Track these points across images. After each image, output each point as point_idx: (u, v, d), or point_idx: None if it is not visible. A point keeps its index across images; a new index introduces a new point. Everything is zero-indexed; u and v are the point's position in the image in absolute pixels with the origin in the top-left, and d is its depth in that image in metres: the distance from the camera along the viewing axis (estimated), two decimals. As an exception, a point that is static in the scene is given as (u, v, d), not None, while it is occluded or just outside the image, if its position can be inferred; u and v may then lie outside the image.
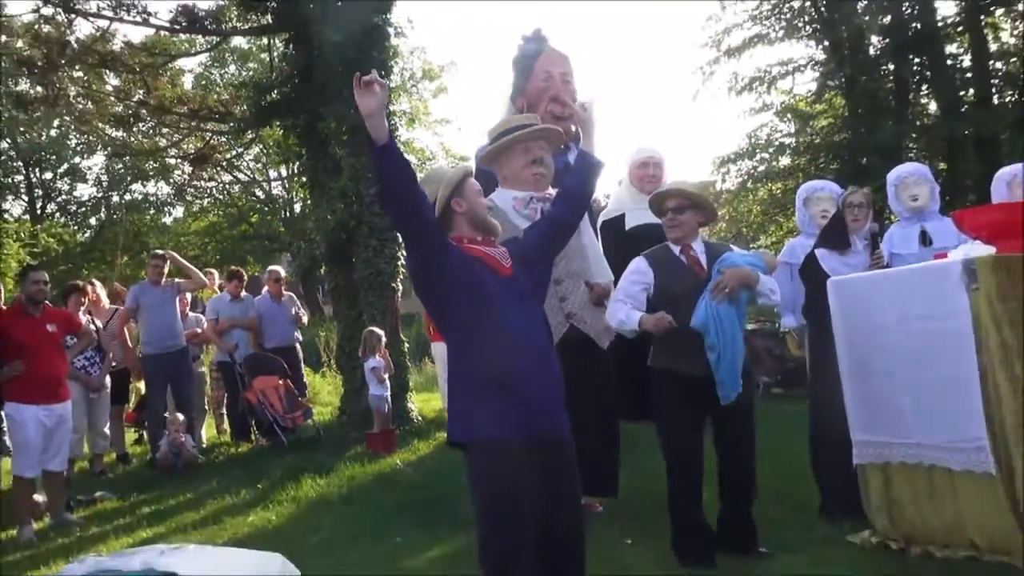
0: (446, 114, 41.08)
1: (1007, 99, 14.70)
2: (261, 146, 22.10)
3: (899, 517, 4.30)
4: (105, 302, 9.72)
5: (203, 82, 24.89)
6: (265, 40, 13.36)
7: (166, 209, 30.51)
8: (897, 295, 4.22)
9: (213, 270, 12.25)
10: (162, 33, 11.63)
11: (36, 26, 10.71)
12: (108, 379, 8.61)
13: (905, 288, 4.21)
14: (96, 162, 29.75)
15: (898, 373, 4.18)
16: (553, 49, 6.41)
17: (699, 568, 4.16)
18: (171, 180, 27.84)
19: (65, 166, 29.94)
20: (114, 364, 8.88)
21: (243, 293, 10.09)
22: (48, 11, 10.38)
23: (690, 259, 4.34)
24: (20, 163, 29.29)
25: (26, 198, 30.16)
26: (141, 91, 11.57)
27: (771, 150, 17.12)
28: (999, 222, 4.23)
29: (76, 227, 30.03)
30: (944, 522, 4.09)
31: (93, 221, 31.18)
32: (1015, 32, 15.29)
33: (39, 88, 11.75)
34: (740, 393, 4.22)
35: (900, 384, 4.18)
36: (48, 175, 30.62)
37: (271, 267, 11.41)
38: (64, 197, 31.42)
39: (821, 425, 5.01)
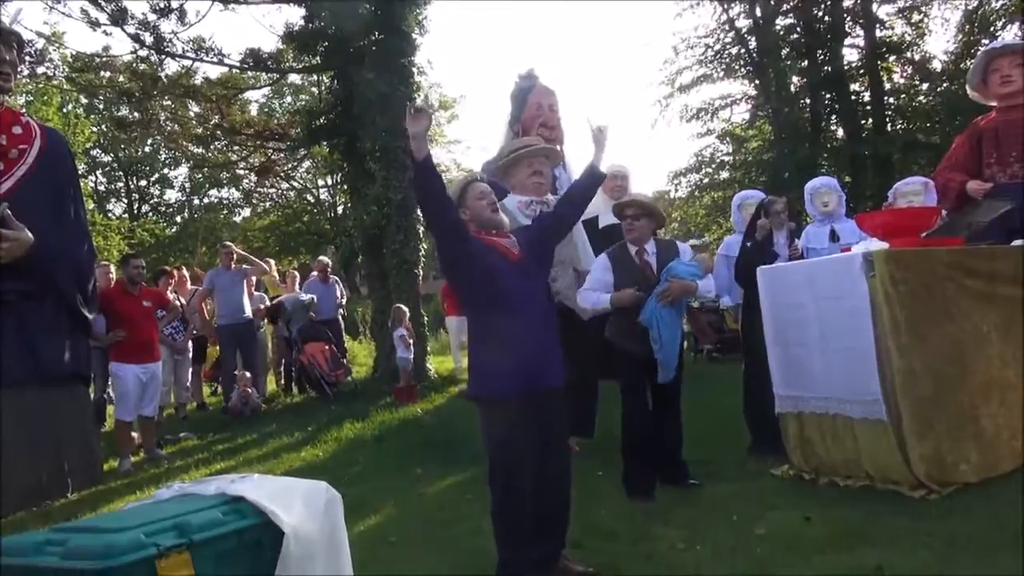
0: (458, 136, 40.81)
1: (898, 127, 14.73)
2: (311, 160, 21.96)
3: (810, 454, 4.30)
4: (188, 284, 9.69)
5: (266, 109, 24.73)
6: (315, 76, 13.28)
7: (236, 210, 30.45)
8: (811, 280, 4.21)
9: (271, 260, 12.22)
10: (233, 70, 11.51)
11: (133, 64, 10.63)
12: (190, 344, 8.59)
13: (817, 275, 4.20)
14: (181, 172, 29.62)
15: (811, 341, 4.17)
16: (543, 84, 6.41)
17: (641, 498, 4.18)
18: (240, 187, 27.72)
19: (156, 175, 29.83)
20: (195, 332, 8.86)
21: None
22: (143, 52, 10.30)
23: (642, 262, 4.34)
24: (121, 173, 29.17)
25: (125, 201, 30.06)
26: (216, 116, 11.49)
27: (713, 166, 17.16)
28: (890, 223, 4.25)
29: (165, 224, 29.89)
30: (845, 458, 4.09)
31: (178, 219, 31.08)
32: (904, 74, 15.32)
33: (135, 114, 11.68)
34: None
35: (812, 350, 4.17)
36: (143, 182, 30.49)
37: (320, 257, 11.39)
38: (155, 200, 31.32)
39: (752, 381, 5.02)
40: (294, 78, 23.30)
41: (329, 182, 26.35)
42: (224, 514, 2.28)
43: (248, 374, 8.63)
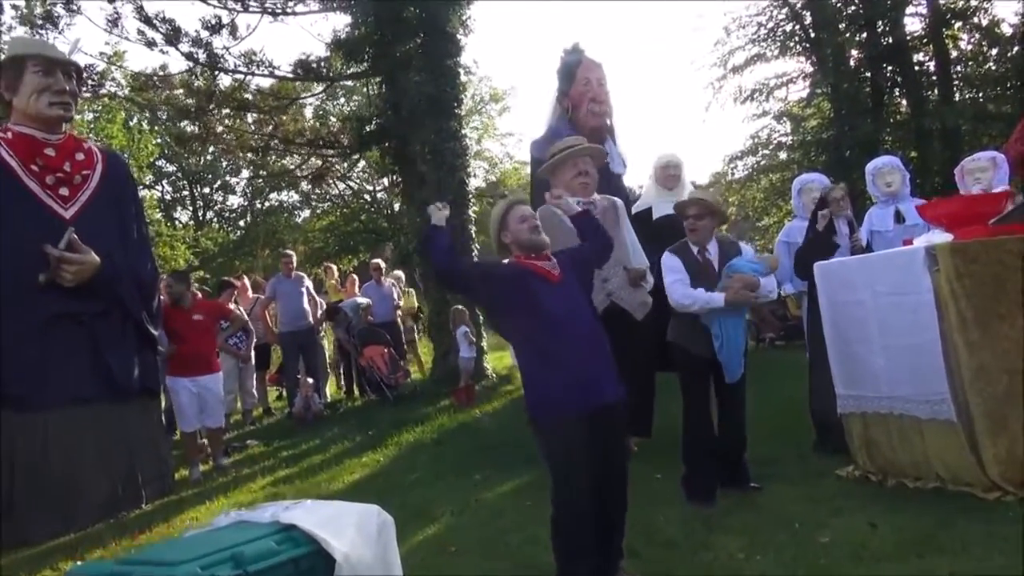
0: (509, 128, 40.78)
1: (966, 97, 14.09)
2: (365, 163, 22.25)
3: (876, 455, 4.18)
4: (249, 291, 9.94)
5: (320, 112, 25.13)
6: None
7: (296, 212, 31.08)
8: (871, 276, 4.06)
9: (332, 265, 12.46)
10: (285, 81, 11.71)
11: (189, 81, 10.93)
12: (253, 352, 8.81)
13: (877, 270, 4.06)
14: (242, 177, 30.36)
15: (872, 339, 4.04)
16: (589, 58, 6.40)
17: (701, 503, 4.11)
18: (299, 190, 28.26)
19: (219, 182, 30.65)
20: (257, 340, 9.08)
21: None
22: (198, 69, 10.57)
23: (704, 260, 4.25)
24: (185, 182, 30.09)
25: (191, 208, 30.98)
26: (270, 127, 11.72)
27: (770, 147, 16.72)
28: (954, 213, 4.07)
29: (229, 228, 30.71)
30: (914, 459, 3.95)
31: (241, 223, 31.87)
32: (971, 41, 14.63)
33: (194, 128, 12.02)
34: None
35: (874, 348, 4.04)
36: (206, 190, 31.38)
37: (374, 259, 11.53)
38: (219, 206, 32.20)
39: (817, 379, 4.87)
40: (346, 82, 23.67)
41: (385, 183, 26.61)
42: (278, 543, 2.33)
43: (311, 380, 8.81)
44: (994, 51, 14.33)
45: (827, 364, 4.45)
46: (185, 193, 30.83)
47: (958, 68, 14.53)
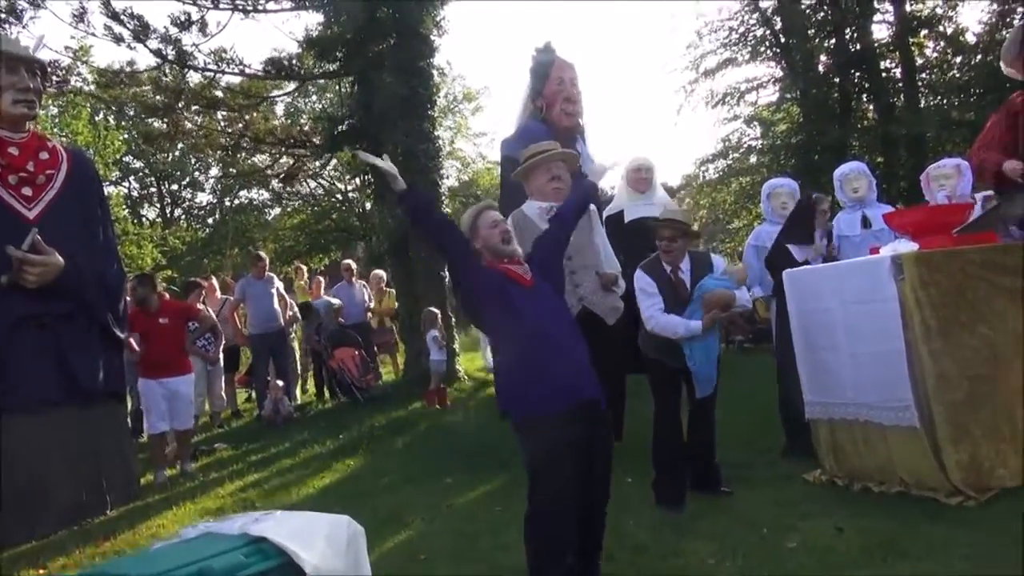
0: (483, 128, 40.69)
1: (931, 104, 14.35)
2: (336, 162, 22.11)
3: (843, 460, 4.24)
4: (218, 292, 9.82)
5: (291, 110, 24.92)
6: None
7: (266, 210, 30.74)
8: (838, 284, 4.13)
9: (303, 266, 12.36)
10: (255, 79, 11.58)
11: (157, 78, 10.76)
12: (221, 354, 8.70)
13: (845, 278, 4.12)
14: (211, 175, 29.98)
15: (839, 346, 4.10)
16: (561, 58, 6.42)
17: (671, 508, 4.14)
18: (269, 188, 27.99)
19: (187, 179, 30.24)
20: (225, 342, 8.97)
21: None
22: (167, 66, 10.41)
23: (677, 280, 4.28)
24: (153, 178, 29.65)
25: (158, 205, 30.54)
26: (240, 124, 11.59)
27: (741, 151, 16.89)
28: (919, 223, 4.15)
29: (197, 226, 30.32)
30: (878, 464, 4.02)
31: (210, 221, 31.48)
32: (936, 49, 14.91)
33: (162, 126, 11.84)
34: None
35: (841, 355, 4.10)
36: (175, 187, 30.94)
37: (345, 260, 11.46)
38: (187, 203, 31.77)
39: (787, 383, 4.94)
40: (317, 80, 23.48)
41: (357, 183, 26.45)
42: (247, 556, 2.31)
43: (280, 383, 8.72)
44: (958, 59, 14.62)
45: (795, 370, 4.51)
46: (153, 190, 30.37)
47: (923, 75, 14.80)
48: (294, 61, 10.45)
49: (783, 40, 14.88)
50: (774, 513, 3.91)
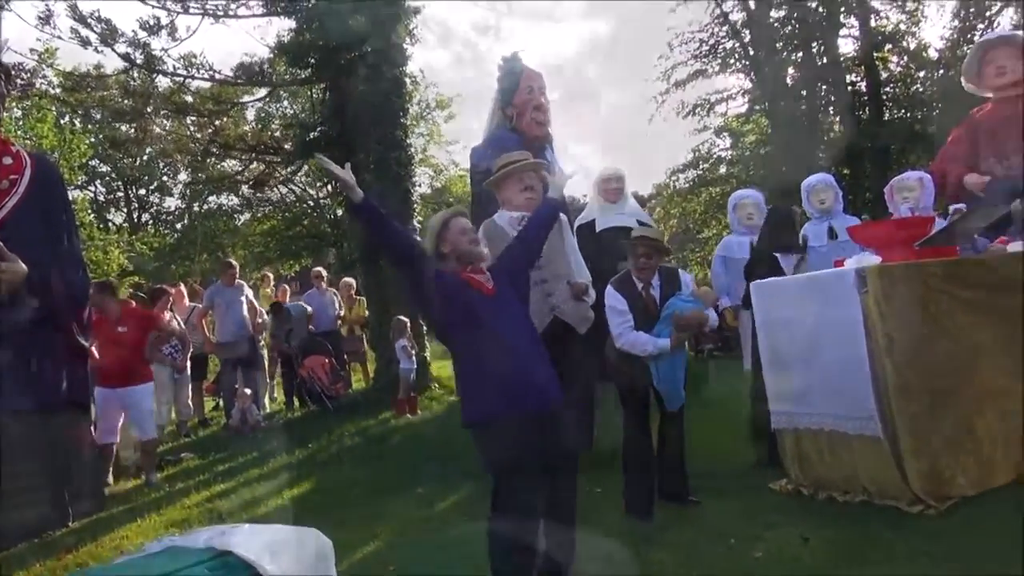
0: (455, 136, 40.61)
1: (895, 117, 14.66)
2: (307, 168, 22.00)
3: (808, 469, 4.30)
4: (186, 299, 9.69)
5: (262, 115, 24.73)
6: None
7: (236, 216, 30.39)
8: (804, 296, 4.19)
9: (269, 273, 12.23)
10: (226, 84, 11.47)
11: (125, 82, 10.63)
12: (189, 362, 8.58)
13: (810, 290, 4.18)
14: (180, 179, 29.60)
15: (804, 357, 4.16)
16: (530, 68, 6.47)
17: (638, 517, 4.16)
18: (239, 193, 27.69)
19: (155, 184, 29.79)
20: (193, 350, 8.85)
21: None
22: (135, 71, 10.29)
23: (648, 296, 4.31)
24: (120, 183, 29.17)
25: (125, 210, 30.06)
26: (210, 130, 11.48)
27: (711, 161, 17.09)
28: (883, 235, 4.22)
29: (165, 231, 29.90)
30: (843, 474, 4.08)
31: (179, 226, 31.06)
32: (900, 64, 15.24)
33: (130, 130, 11.68)
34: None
35: (806, 366, 4.16)
36: (142, 191, 30.47)
37: (315, 268, 11.38)
38: (155, 208, 31.30)
39: (757, 398, 4.99)
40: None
41: (328, 190, 26.29)
42: (212, 570, 2.28)
43: (248, 391, 8.63)
44: (921, 74, 14.95)
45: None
46: (120, 194, 29.88)
47: (888, 89, 15.12)
48: (265, 67, 10.36)
49: (752, 53, 15.11)
50: (741, 523, 3.94)
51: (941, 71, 14.27)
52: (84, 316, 5.90)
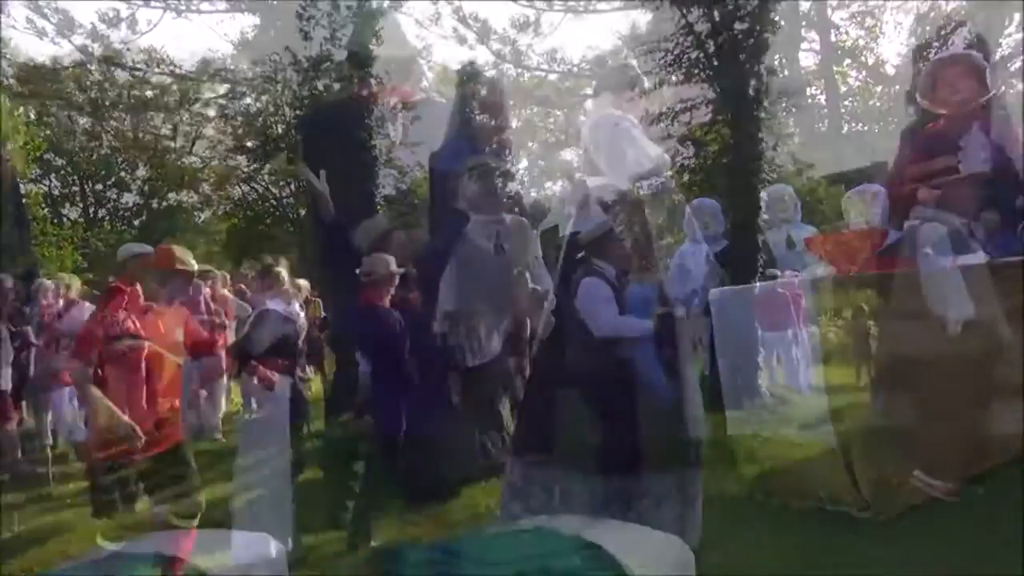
0: (420, 137, 40.37)
1: (853, 130, 14.97)
2: (271, 166, 21.74)
3: (761, 476, 4.36)
4: (141, 299, 9.45)
5: (224, 112, 24.39)
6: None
7: (196, 213, 29.84)
8: (759, 306, 4.26)
9: (227, 274, 12.00)
10: (187, 80, 11.29)
11: (81, 75, 10.40)
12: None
13: (764, 300, 4.26)
14: (139, 175, 28.98)
15: (760, 365, 4.23)
16: (491, 74, 6.48)
17: None
18: (200, 190, 27.25)
19: (112, 179, 29.15)
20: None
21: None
22: (93, 64, 10.07)
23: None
24: (76, 177, 28.50)
25: (81, 205, 29.35)
26: (168, 127, 11.28)
27: (674, 169, 17.23)
28: (836, 247, 4.29)
29: (123, 228, 29.27)
30: (796, 480, 4.15)
31: (136, 223, 30.42)
32: (859, 78, 15.59)
33: (86, 123, 11.42)
34: None
35: (762, 374, 4.23)
36: (99, 186, 29.77)
37: (275, 268, 11.17)
38: (112, 204, 30.59)
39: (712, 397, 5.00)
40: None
41: (292, 188, 25.98)
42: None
43: (204, 392, 8.44)
44: (879, 88, 15.31)
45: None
46: (75, 189, 29.12)
47: (847, 103, 15.45)
48: (228, 63, 10.22)
49: (715, 64, 15.28)
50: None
51: (898, 86, 14.63)
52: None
